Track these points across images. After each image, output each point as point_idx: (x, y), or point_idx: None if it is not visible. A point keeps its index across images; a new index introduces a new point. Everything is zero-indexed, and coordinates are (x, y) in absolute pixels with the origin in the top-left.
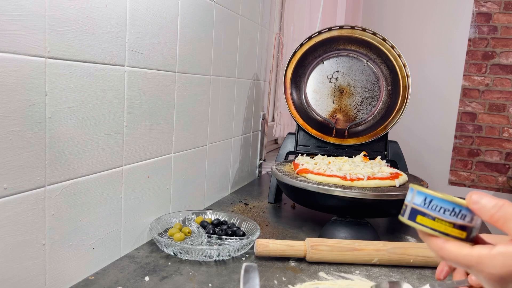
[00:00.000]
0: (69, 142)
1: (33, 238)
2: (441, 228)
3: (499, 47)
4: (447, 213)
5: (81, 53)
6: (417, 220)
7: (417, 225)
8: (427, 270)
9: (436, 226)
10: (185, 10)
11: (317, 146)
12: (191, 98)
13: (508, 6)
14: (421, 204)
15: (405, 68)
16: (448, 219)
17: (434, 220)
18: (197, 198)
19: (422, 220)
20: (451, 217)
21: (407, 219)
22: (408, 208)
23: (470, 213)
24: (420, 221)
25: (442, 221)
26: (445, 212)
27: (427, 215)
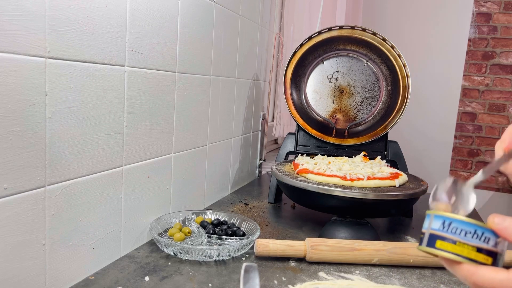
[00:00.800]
0: (69, 142)
1: (33, 238)
2: (464, 253)
3: (499, 47)
4: (469, 235)
5: (81, 53)
6: (436, 245)
7: (438, 251)
8: (427, 270)
9: (459, 251)
10: (185, 10)
11: (317, 146)
12: (191, 98)
13: (508, 6)
14: (440, 228)
15: (405, 68)
16: (471, 242)
17: (456, 244)
18: (197, 198)
19: (442, 245)
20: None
21: (426, 246)
22: (426, 234)
23: (494, 236)
24: (440, 246)
25: (465, 244)
26: (466, 234)
27: (447, 239)
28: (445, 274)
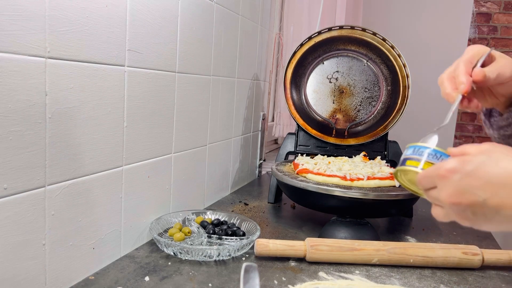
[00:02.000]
0: (69, 142)
1: (33, 238)
2: (424, 167)
3: (499, 47)
4: (430, 156)
5: (81, 53)
6: (406, 164)
7: (406, 167)
8: (427, 270)
9: (424, 167)
10: (185, 10)
11: (317, 146)
12: (191, 98)
13: (508, 6)
14: (411, 153)
15: (405, 68)
16: (431, 161)
17: (419, 161)
18: (197, 198)
19: (411, 163)
20: (433, 159)
21: (399, 166)
22: (401, 159)
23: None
24: (408, 163)
25: (426, 162)
26: (428, 156)
27: (414, 159)
28: (445, 274)
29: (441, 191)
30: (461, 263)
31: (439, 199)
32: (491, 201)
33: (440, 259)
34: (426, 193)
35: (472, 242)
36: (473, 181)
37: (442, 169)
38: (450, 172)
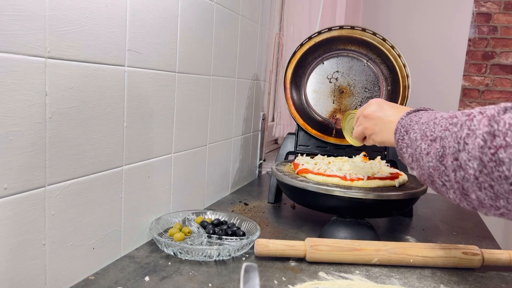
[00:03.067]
0: (69, 142)
1: (33, 238)
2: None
3: (499, 47)
4: None
5: (81, 53)
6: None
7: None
8: (427, 270)
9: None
10: (185, 10)
11: (317, 146)
12: (191, 98)
13: (508, 6)
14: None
15: (405, 68)
16: None
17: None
18: (197, 198)
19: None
20: None
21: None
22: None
23: None
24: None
25: None
26: None
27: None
28: (445, 274)
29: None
30: (461, 263)
31: (364, 114)
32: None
33: (440, 259)
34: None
35: (472, 242)
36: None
37: (359, 112)
38: (374, 101)
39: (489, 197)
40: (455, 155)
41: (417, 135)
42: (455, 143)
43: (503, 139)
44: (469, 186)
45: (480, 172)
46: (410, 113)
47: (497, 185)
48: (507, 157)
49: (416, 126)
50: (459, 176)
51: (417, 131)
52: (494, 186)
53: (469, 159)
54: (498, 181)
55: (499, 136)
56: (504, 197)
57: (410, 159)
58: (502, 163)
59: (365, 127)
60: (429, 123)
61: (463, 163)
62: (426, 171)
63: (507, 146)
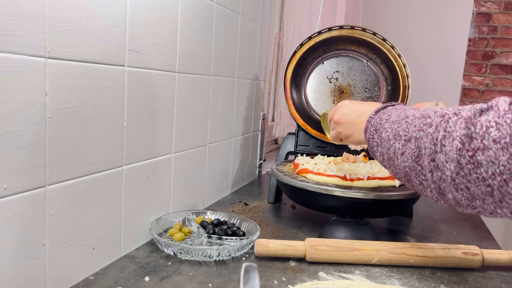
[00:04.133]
0: (69, 142)
1: (33, 238)
2: None
3: (499, 47)
4: None
5: (81, 53)
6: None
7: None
8: (427, 270)
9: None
10: (185, 10)
11: (317, 146)
12: (191, 98)
13: (508, 6)
14: None
15: (405, 68)
16: None
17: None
18: (197, 198)
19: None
20: None
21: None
22: None
23: None
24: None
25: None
26: None
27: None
28: (445, 274)
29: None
30: (461, 263)
31: (334, 120)
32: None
33: (440, 259)
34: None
35: (472, 242)
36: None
37: (338, 104)
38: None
39: (465, 198)
40: (431, 156)
41: (389, 135)
42: (432, 145)
43: (481, 141)
44: (446, 187)
45: (457, 174)
46: (378, 111)
47: (474, 187)
48: (485, 160)
49: (386, 124)
50: (436, 176)
51: (388, 130)
52: (471, 188)
53: (446, 161)
54: (475, 183)
55: (476, 139)
56: (480, 198)
57: (381, 157)
58: (480, 165)
59: (338, 131)
60: (401, 122)
61: (440, 164)
62: (402, 170)
63: (484, 148)
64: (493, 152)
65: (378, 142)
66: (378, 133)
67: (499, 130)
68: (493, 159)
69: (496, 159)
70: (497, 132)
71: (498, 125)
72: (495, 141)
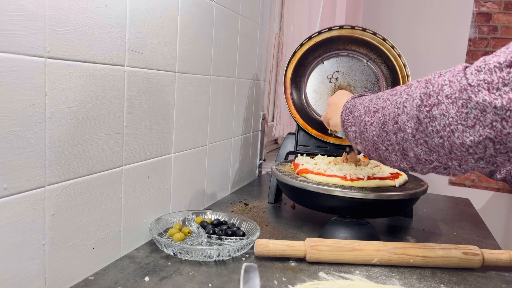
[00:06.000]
0: (69, 142)
1: (33, 238)
2: None
3: (500, 47)
4: None
5: (81, 53)
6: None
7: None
8: (427, 270)
9: None
10: (185, 10)
11: (317, 146)
12: (191, 98)
13: (508, 6)
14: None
15: (405, 68)
16: None
17: None
18: (197, 198)
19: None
20: None
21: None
22: None
23: None
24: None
25: None
26: None
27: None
28: (445, 274)
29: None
30: (461, 263)
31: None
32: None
33: (440, 259)
34: None
35: (472, 242)
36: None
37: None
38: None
39: (424, 152)
40: (395, 119)
41: (360, 112)
42: (395, 108)
43: (436, 97)
44: (408, 145)
45: (417, 130)
46: (355, 97)
47: (430, 140)
48: (439, 113)
49: (360, 105)
50: (399, 137)
51: (360, 109)
52: (428, 141)
53: (408, 120)
54: (431, 135)
55: (433, 96)
56: (435, 150)
57: (354, 135)
58: (435, 119)
59: (326, 112)
60: (372, 100)
61: (402, 125)
62: (370, 140)
63: (439, 103)
64: (445, 106)
65: (351, 122)
66: (352, 113)
67: (451, 87)
68: (445, 112)
69: (447, 112)
70: (449, 89)
71: (451, 83)
72: (447, 97)
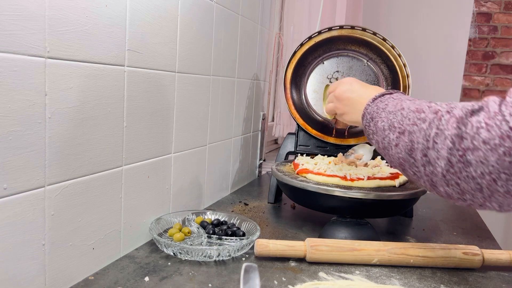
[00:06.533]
0: (69, 142)
1: (33, 238)
2: None
3: (499, 47)
4: None
5: (81, 53)
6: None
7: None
8: (427, 270)
9: None
10: (185, 10)
11: (317, 146)
12: (191, 98)
13: (508, 6)
14: None
15: (405, 68)
16: None
17: None
18: (197, 198)
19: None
20: None
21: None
22: None
23: None
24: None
25: None
26: None
27: None
28: (445, 274)
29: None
30: (462, 263)
31: (335, 94)
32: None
33: (440, 259)
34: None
35: (473, 242)
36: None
37: (343, 79)
38: (346, 80)
39: (456, 192)
40: (424, 151)
41: (384, 125)
42: (424, 140)
43: (471, 142)
44: (437, 181)
45: (447, 171)
46: (376, 99)
47: (464, 183)
48: (474, 159)
49: (383, 114)
50: (428, 170)
51: (384, 120)
52: (461, 184)
53: (438, 158)
54: (465, 180)
55: (466, 139)
56: (470, 193)
57: (376, 145)
58: (470, 165)
59: (336, 106)
60: (397, 113)
61: (431, 160)
62: (396, 161)
63: (474, 149)
64: (482, 152)
65: (373, 130)
66: (374, 122)
67: (489, 131)
68: (483, 159)
69: (485, 159)
70: (487, 133)
71: (488, 127)
72: (484, 142)
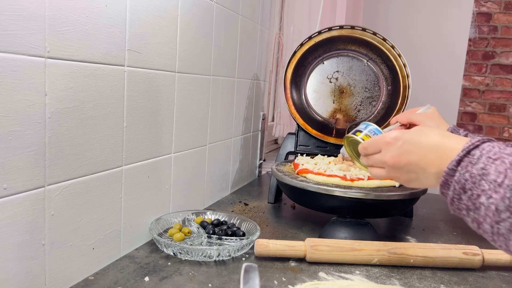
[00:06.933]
0: (69, 142)
1: (33, 238)
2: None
3: (499, 47)
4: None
5: (81, 53)
6: (356, 134)
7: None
8: (427, 270)
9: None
10: (185, 10)
11: (317, 146)
12: (191, 98)
13: (508, 6)
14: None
15: (405, 68)
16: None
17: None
18: (197, 198)
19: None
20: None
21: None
22: (353, 130)
23: None
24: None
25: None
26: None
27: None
28: (445, 274)
29: (386, 154)
30: (462, 263)
31: (383, 160)
32: (421, 161)
33: (440, 260)
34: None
35: (473, 242)
36: (410, 146)
37: (388, 137)
38: (394, 139)
39: None
40: None
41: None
42: None
43: None
44: None
45: None
46: (462, 160)
47: None
48: None
49: (485, 185)
50: None
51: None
52: None
53: None
54: None
55: None
56: None
57: (474, 224)
58: None
59: (394, 176)
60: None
61: None
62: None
63: None
64: None
65: (470, 206)
66: (469, 195)
67: None
68: None
69: None
70: None
71: None
72: None
